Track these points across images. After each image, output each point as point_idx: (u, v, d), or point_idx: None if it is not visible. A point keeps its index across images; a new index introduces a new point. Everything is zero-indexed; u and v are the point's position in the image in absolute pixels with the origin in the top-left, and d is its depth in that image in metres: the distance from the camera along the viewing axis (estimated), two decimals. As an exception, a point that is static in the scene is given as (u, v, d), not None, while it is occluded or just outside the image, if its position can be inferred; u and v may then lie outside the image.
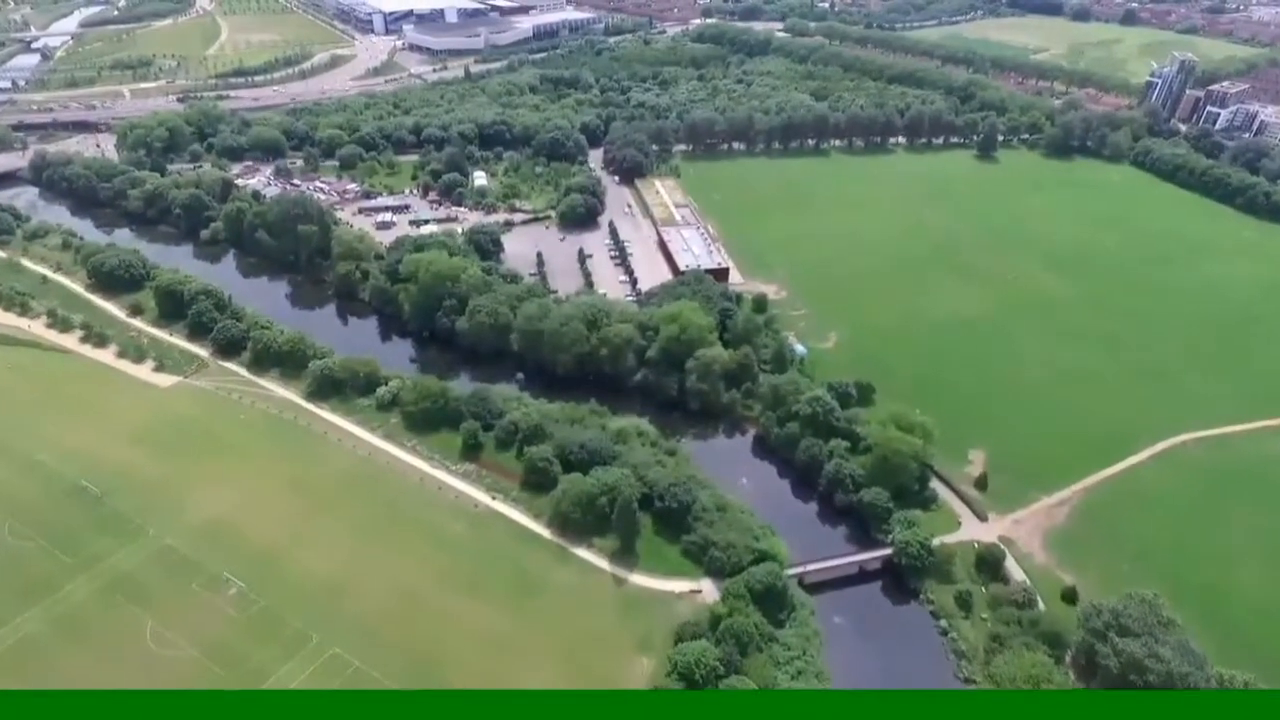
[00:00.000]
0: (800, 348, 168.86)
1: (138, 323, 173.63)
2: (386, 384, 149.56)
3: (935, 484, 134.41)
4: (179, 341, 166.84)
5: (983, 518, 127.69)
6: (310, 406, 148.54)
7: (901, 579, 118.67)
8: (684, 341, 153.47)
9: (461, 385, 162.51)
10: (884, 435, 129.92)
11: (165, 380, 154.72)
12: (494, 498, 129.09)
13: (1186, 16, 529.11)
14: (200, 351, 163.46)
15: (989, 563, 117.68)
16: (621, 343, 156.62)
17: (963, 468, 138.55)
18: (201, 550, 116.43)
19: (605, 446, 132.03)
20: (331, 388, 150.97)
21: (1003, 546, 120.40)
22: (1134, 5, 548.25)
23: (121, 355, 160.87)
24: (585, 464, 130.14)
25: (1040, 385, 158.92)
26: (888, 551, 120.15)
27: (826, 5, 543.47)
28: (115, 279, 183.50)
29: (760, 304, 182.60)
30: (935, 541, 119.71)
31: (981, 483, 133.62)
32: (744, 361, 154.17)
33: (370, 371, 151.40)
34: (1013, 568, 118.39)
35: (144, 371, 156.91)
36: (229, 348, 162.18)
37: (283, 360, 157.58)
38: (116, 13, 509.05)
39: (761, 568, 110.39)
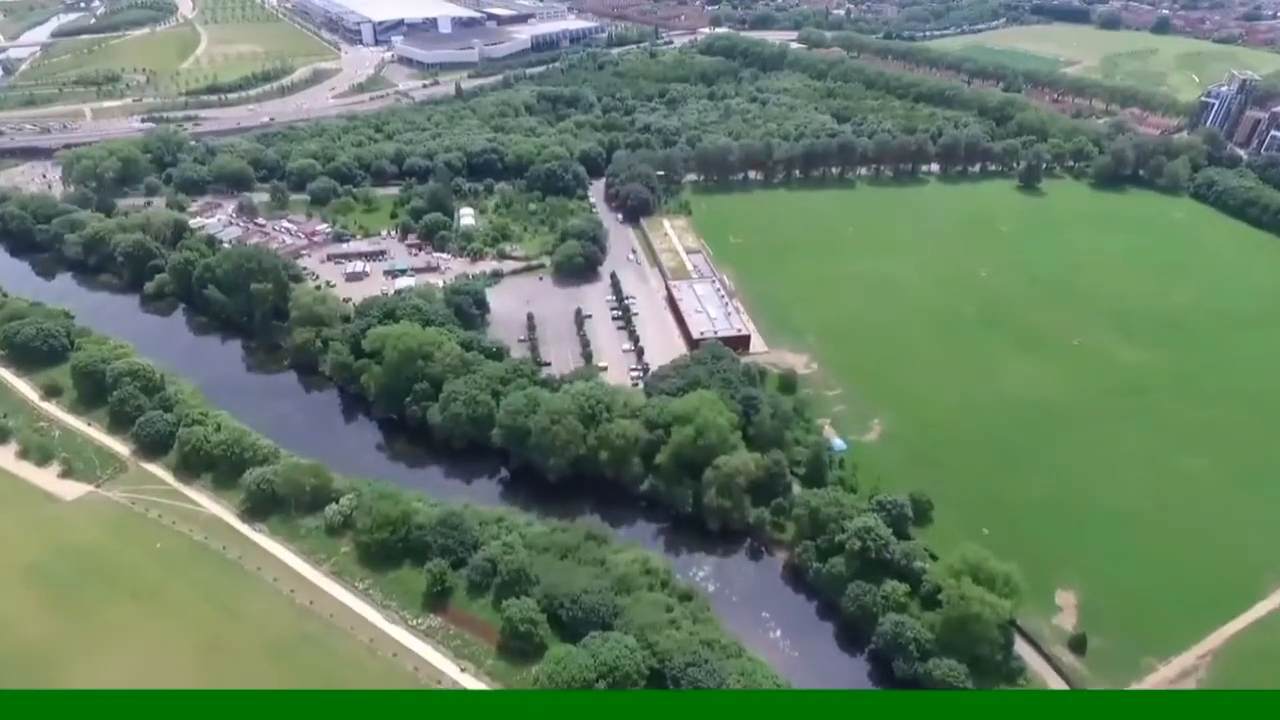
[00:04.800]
0: (839, 442, 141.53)
1: (51, 408, 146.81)
2: (338, 501, 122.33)
3: (1020, 644, 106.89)
4: (97, 434, 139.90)
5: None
6: (244, 529, 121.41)
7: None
8: (700, 446, 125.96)
9: (432, 481, 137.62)
10: (957, 591, 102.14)
11: (72, 490, 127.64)
12: (463, 669, 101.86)
13: (1222, 24, 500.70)
14: (120, 449, 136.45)
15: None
16: (625, 445, 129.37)
17: (1050, 617, 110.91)
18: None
19: (604, 601, 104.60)
20: (271, 504, 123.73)
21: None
22: (1165, 13, 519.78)
23: (23, 455, 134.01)
24: (579, 624, 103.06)
25: (1132, 496, 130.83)
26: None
27: (842, 13, 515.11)
28: (31, 351, 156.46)
29: (788, 383, 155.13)
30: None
31: (1079, 644, 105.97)
32: (773, 470, 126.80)
33: (319, 484, 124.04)
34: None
35: (48, 478, 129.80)
36: (154, 446, 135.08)
37: (215, 464, 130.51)
38: (94, 21, 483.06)
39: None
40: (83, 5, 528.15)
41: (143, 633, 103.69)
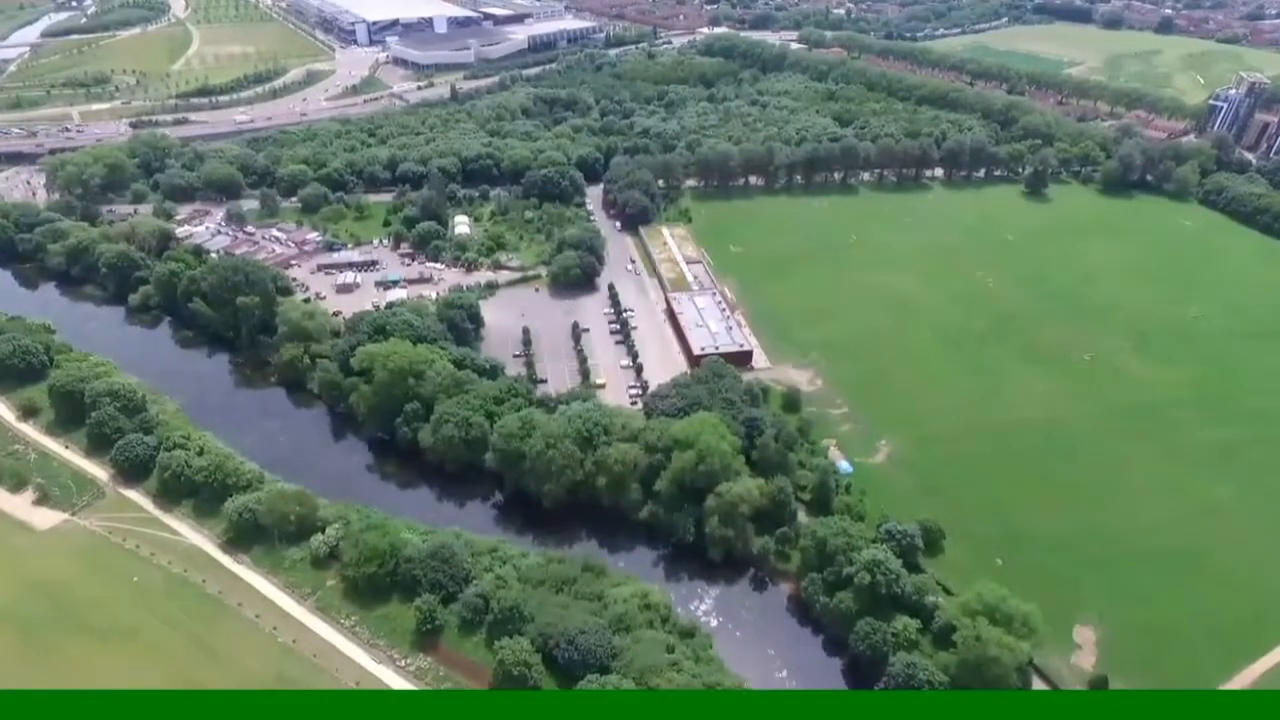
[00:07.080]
0: (845, 464, 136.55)
1: (28, 429, 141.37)
2: (324, 530, 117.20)
3: (1036, 683, 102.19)
4: (74, 458, 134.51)
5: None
6: (225, 560, 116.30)
7: None
8: (702, 472, 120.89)
9: (424, 504, 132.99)
10: (973, 632, 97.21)
11: (46, 518, 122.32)
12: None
13: (1226, 24, 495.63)
14: (99, 473, 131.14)
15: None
16: (624, 470, 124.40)
17: (1069, 656, 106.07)
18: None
19: (601, 641, 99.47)
20: (254, 533, 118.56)
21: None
22: (1168, 12, 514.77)
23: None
24: (575, 666, 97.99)
25: (1151, 522, 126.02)
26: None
27: (842, 13, 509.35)
28: (8, 369, 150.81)
29: (792, 401, 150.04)
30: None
31: (1100, 685, 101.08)
32: (778, 498, 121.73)
33: (304, 512, 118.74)
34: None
35: (21, 505, 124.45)
36: (133, 470, 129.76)
37: (197, 490, 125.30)
38: (84, 21, 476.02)
39: None
40: (74, 4, 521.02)
41: (114, 676, 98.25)
